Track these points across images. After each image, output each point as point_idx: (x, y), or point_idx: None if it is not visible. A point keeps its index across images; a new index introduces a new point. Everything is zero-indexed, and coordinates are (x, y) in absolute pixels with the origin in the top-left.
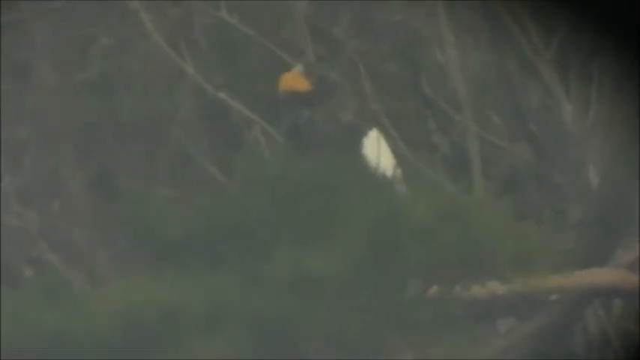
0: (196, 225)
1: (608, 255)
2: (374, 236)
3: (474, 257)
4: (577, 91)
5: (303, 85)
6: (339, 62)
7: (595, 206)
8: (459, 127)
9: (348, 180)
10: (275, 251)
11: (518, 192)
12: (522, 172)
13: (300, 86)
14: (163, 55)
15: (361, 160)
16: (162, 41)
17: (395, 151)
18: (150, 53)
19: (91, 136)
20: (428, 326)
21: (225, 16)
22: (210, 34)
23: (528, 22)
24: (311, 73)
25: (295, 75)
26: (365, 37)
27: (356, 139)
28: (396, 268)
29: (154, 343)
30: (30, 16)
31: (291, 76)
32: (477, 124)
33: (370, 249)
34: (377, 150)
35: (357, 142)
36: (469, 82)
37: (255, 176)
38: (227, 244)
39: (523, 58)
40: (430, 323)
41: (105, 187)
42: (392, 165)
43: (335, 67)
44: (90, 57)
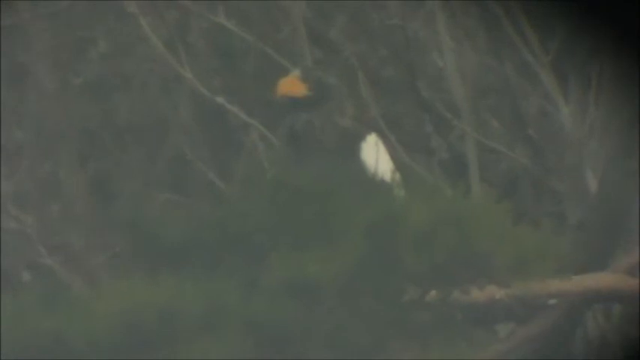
0: (194, 228)
1: (607, 259)
2: (372, 240)
3: (472, 261)
4: (575, 96)
5: (301, 89)
6: (337, 67)
7: (593, 210)
8: (457, 132)
9: (347, 184)
10: (273, 255)
11: (516, 196)
12: (521, 177)
13: (297, 91)
14: (161, 59)
15: (359, 164)
16: (160, 45)
17: (393, 156)
18: (148, 57)
19: (89, 139)
20: (426, 330)
21: (223, 20)
22: (208, 38)
23: (527, 27)
24: (309, 77)
25: (293, 80)
26: (363, 41)
27: (354, 144)
28: (395, 272)
29: (151, 346)
30: (28, 20)
31: (288, 81)
32: (475, 129)
33: (368, 253)
34: (375, 154)
35: (355, 147)
36: (467, 86)
37: (253, 180)
38: (225, 247)
39: (521, 63)
40: (429, 328)
41: (103, 191)
42: (390, 169)
43: (333, 72)
44: (88, 61)
